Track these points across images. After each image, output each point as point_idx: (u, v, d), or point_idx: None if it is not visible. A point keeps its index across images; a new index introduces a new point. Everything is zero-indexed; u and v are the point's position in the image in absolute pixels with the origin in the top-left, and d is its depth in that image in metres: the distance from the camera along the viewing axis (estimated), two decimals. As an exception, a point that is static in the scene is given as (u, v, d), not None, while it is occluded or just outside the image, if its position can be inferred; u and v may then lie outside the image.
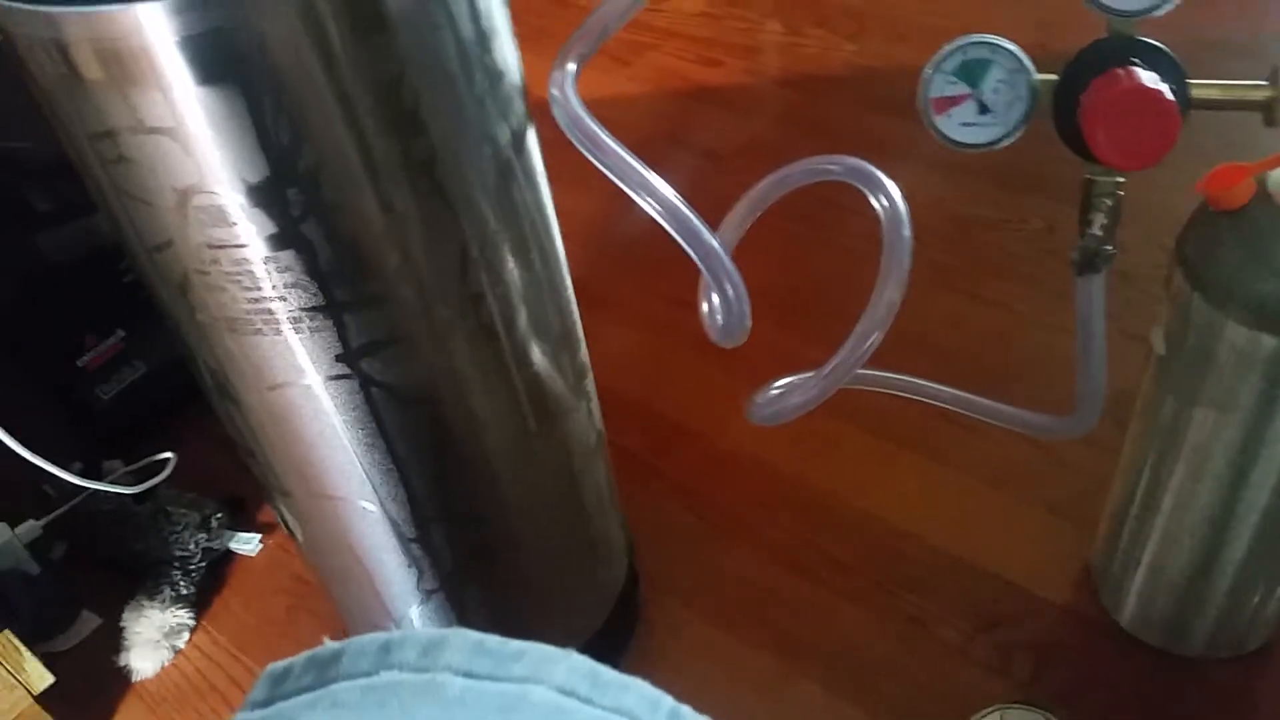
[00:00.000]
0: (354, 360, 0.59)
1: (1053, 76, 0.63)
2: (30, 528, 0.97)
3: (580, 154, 0.59)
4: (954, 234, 1.27)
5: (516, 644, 0.31)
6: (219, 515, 1.04)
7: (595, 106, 0.57)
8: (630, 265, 1.32)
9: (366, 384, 0.61)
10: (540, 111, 0.61)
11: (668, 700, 0.31)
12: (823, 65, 1.60)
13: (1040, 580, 0.93)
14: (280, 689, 0.33)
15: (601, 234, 1.34)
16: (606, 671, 0.31)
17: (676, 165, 1.47)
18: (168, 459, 0.97)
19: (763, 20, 1.72)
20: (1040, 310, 1.17)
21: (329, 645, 0.33)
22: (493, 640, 0.31)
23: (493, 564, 0.77)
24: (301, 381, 0.60)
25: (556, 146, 0.60)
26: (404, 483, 0.67)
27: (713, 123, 1.55)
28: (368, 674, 0.32)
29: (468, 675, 0.31)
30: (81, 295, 1.14)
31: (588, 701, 0.30)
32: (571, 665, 0.31)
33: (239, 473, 0.72)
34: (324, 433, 0.63)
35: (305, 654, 0.33)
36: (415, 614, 0.77)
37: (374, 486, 0.67)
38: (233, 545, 1.05)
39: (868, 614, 0.93)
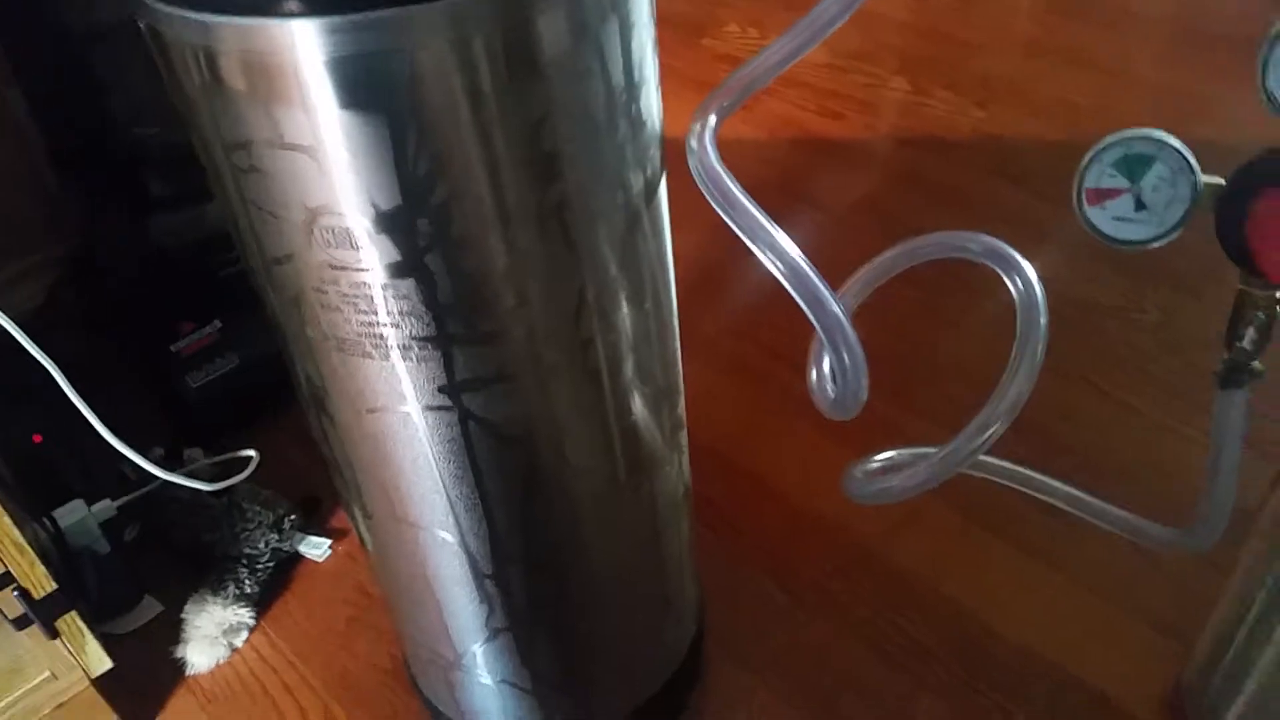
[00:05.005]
0: (456, 393, 0.58)
1: (1219, 180, 0.59)
2: (105, 507, 0.96)
3: (688, 192, 0.57)
4: (1070, 316, 1.22)
5: None
6: (292, 517, 1.03)
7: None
8: (726, 307, 1.30)
9: (465, 418, 0.59)
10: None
11: None
12: (949, 128, 1.57)
13: (1130, 696, 0.88)
14: None
15: (700, 273, 1.32)
16: None
17: (785, 216, 1.43)
18: (250, 457, 0.96)
19: (889, 77, 1.69)
20: (1156, 408, 1.11)
21: None
22: None
23: (564, 609, 0.74)
24: (401, 408, 0.59)
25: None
26: (488, 519, 0.65)
27: (828, 176, 1.52)
28: None
29: None
30: (184, 282, 1.15)
31: None
32: None
33: (318, 475, 0.70)
34: (416, 460, 0.62)
35: None
36: (479, 650, 0.75)
37: (457, 518, 0.65)
38: (302, 548, 1.04)
39: (948, 709, 0.89)
